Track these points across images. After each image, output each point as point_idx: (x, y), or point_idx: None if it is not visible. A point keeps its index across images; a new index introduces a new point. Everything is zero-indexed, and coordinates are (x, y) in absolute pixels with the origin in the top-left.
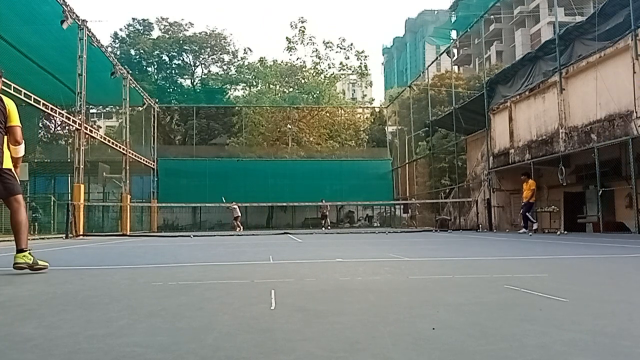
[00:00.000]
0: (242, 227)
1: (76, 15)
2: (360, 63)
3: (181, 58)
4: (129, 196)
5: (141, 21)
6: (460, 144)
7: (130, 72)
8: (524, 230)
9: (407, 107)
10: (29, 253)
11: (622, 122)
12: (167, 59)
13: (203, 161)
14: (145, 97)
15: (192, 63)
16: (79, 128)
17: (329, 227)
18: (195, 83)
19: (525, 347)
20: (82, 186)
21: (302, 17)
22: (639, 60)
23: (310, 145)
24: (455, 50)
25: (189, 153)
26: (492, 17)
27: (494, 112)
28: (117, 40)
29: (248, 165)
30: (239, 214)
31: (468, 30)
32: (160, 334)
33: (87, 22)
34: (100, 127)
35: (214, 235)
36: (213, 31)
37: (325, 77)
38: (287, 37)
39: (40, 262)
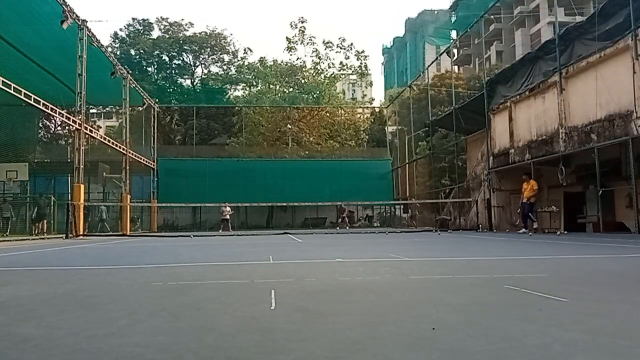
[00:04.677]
0: (229, 228)
1: (76, 15)
2: (360, 63)
3: (181, 58)
4: (129, 196)
5: (141, 21)
6: (460, 144)
7: (130, 72)
8: (524, 230)
9: (407, 107)
10: None
11: (622, 122)
12: (167, 59)
13: (203, 161)
14: (145, 97)
15: (192, 63)
16: (79, 128)
17: (347, 227)
18: (195, 83)
19: (525, 347)
20: (82, 186)
21: (302, 17)
22: (639, 60)
23: (310, 145)
24: (455, 50)
25: (189, 153)
26: (492, 17)
27: (494, 112)
28: (117, 40)
29: (248, 165)
30: (227, 215)
31: (468, 30)
32: (160, 334)
33: (87, 22)
34: (100, 127)
35: (214, 235)
36: (213, 31)
37: (325, 77)
38: (287, 37)
39: None
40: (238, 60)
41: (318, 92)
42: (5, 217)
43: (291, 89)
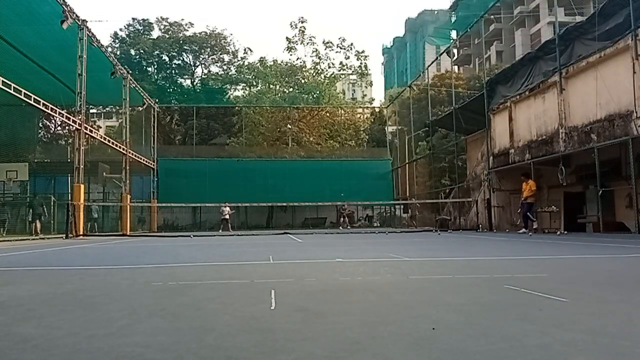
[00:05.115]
0: (229, 228)
1: (76, 15)
2: (360, 63)
3: (181, 58)
4: (129, 196)
5: (141, 21)
6: (460, 144)
7: (130, 72)
8: (524, 230)
9: (407, 107)
10: None
11: (622, 122)
12: (167, 59)
13: (203, 161)
14: (145, 97)
15: (192, 63)
16: (79, 128)
17: (347, 227)
18: (195, 83)
19: (525, 347)
20: (82, 186)
21: (302, 17)
22: (639, 60)
23: (310, 145)
24: (455, 50)
25: (189, 153)
26: (492, 17)
27: (494, 112)
28: (117, 40)
29: (248, 165)
30: (226, 216)
31: (468, 30)
32: (160, 334)
33: (87, 22)
34: (100, 127)
35: (214, 235)
36: (213, 31)
37: (325, 77)
38: (287, 37)
39: None
40: (238, 60)
41: (318, 92)
42: (1, 220)
43: (291, 89)
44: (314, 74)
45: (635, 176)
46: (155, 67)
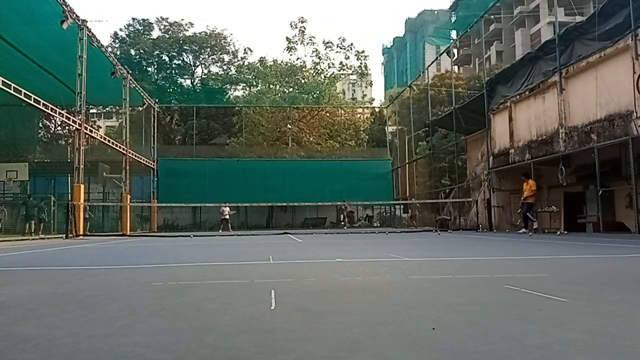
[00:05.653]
0: (229, 228)
1: (76, 15)
2: (360, 63)
3: (181, 58)
4: (129, 196)
5: (141, 21)
6: (460, 144)
7: (130, 72)
8: (524, 230)
9: (407, 107)
10: None
11: (622, 122)
12: (167, 59)
13: (203, 161)
14: (145, 97)
15: (192, 63)
16: (79, 128)
17: (347, 226)
18: (195, 83)
19: (525, 347)
20: (82, 186)
21: (302, 17)
22: (639, 60)
23: (310, 145)
24: (455, 50)
25: (189, 153)
26: (492, 17)
27: (494, 112)
28: (117, 40)
29: (248, 165)
30: (226, 216)
31: (468, 30)
32: (160, 334)
33: (87, 22)
34: (100, 127)
35: (214, 236)
36: (213, 31)
37: (325, 77)
38: (287, 37)
39: None
40: (238, 60)
41: (318, 92)
42: None
43: (291, 89)
44: (314, 74)
45: (635, 176)
46: (155, 67)
